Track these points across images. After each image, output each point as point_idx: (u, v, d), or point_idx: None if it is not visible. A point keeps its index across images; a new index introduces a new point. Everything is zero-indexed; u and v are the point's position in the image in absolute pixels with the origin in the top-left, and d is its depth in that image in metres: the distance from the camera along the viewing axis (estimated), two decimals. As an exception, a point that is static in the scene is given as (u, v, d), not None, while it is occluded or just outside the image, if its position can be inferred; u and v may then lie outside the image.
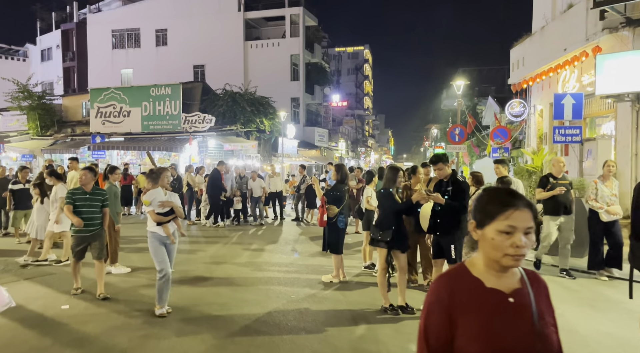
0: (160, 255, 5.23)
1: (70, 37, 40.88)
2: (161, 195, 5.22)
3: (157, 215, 5.16)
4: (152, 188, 5.28)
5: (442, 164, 5.23)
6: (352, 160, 53.74)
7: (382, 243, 5.17)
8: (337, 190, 6.56)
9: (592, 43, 10.77)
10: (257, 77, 32.30)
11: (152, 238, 5.23)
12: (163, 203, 5.18)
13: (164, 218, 5.20)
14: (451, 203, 5.04)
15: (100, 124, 24.32)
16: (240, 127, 23.44)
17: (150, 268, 7.46)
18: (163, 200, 5.20)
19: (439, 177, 5.34)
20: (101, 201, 6.11)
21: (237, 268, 7.61)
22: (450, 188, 5.16)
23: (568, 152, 10.63)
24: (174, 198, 5.39)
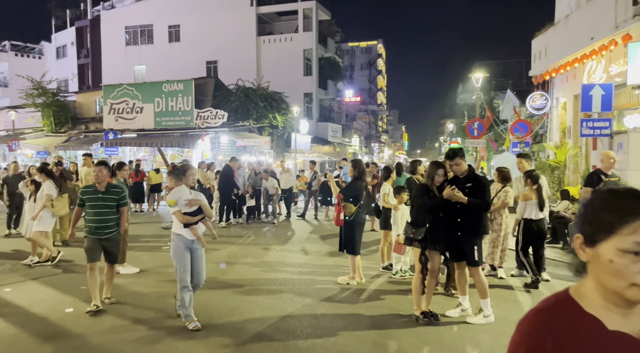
0: (184, 263, 4.66)
1: (85, 34, 41.04)
2: (187, 194, 4.73)
3: (184, 215, 4.65)
4: (175, 186, 4.76)
5: (460, 159, 4.80)
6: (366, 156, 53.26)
7: (416, 242, 4.81)
8: (354, 188, 6.23)
9: (622, 31, 10.22)
10: (270, 72, 31.95)
11: (177, 242, 4.69)
12: (190, 201, 4.66)
13: (192, 219, 4.68)
14: (474, 201, 4.61)
15: (114, 120, 24.26)
16: (253, 122, 23.17)
17: (160, 268, 7.22)
18: (189, 198, 4.70)
19: (455, 173, 4.89)
20: (117, 200, 5.40)
21: (249, 268, 7.30)
22: (470, 185, 4.74)
23: (596, 146, 10.11)
24: (201, 196, 4.87)
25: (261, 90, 24.50)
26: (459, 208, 4.66)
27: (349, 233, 6.24)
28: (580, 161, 13.59)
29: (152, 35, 37.88)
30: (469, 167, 4.90)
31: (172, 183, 4.80)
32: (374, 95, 74.48)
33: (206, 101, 24.03)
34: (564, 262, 7.70)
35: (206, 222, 4.86)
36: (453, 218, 4.75)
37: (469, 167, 4.89)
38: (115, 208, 5.38)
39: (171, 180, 4.79)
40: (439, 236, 4.76)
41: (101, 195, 5.30)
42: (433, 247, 4.78)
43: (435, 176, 4.77)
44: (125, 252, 7.08)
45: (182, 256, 4.67)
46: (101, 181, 5.35)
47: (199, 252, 4.81)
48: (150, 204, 15.77)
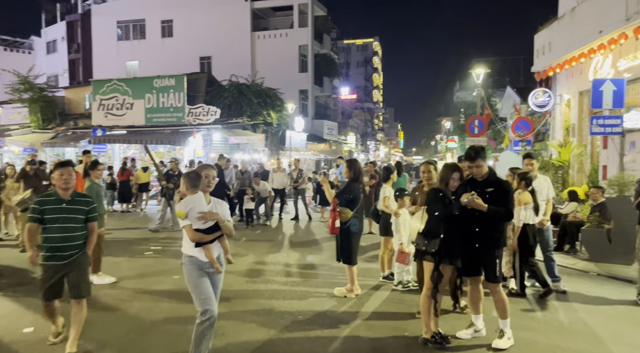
0: (203, 289, 3.69)
1: (75, 28, 40.16)
2: (202, 204, 3.69)
3: (195, 232, 3.67)
4: (189, 192, 3.71)
5: (481, 161, 4.21)
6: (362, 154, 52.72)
7: (429, 255, 4.20)
8: (350, 191, 5.66)
9: (633, 23, 9.66)
10: (265, 68, 31.30)
11: (189, 265, 3.75)
12: (205, 215, 3.64)
13: (206, 237, 3.70)
14: (496, 210, 4.04)
15: (103, 116, 23.55)
16: (246, 119, 22.52)
17: (140, 278, 6.60)
18: (205, 210, 3.67)
19: (473, 176, 4.30)
20: (85, 212, 4.18)
21: (237, 278, 6.68)
22: (491, 190, 4.15)
23: (607, 145, 9.57)
24: (221, 207, 3.84)
25: (255, 87, 23.86)
26: (477, 217, 4.08)
27: (345, 241, 5.70)
28: (585, 160, 13.07)
29: (145, 30, 37.16)
30: (489, 170, 4.30)
31: (184, 189, 3.76)
32: (369, 93, 74.00)
33: (198, 97, 23.36)
34: (577, 269, 7.16)
35: (223, 241, 3.86)
36: (471, 228, 4.16)
37: (489, 170, 4.30)
38: (82, 223, 4.17)
39: (183, 185, 3.76)
40: (455, 248, 4.18)
41: (65, 205, 4.10)
42: (449, 260, 4.19)
43: (450, 180, 4.19)
44: (101, 259, 6.47)
45: (199, 281, 3.71)
46: (69, 187, 4.15)
47: (216, 277, 3.84)
48: (137, 204, 15.14)
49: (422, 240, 4.24)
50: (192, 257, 3.75)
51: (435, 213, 4.17)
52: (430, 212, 4.25)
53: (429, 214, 4.27)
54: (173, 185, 10.73)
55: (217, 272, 3.80)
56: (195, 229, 3.68)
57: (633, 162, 8.93)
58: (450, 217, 4.12)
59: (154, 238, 9.76)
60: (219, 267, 3.79)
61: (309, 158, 31.81)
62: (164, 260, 7.75)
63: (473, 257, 4.25)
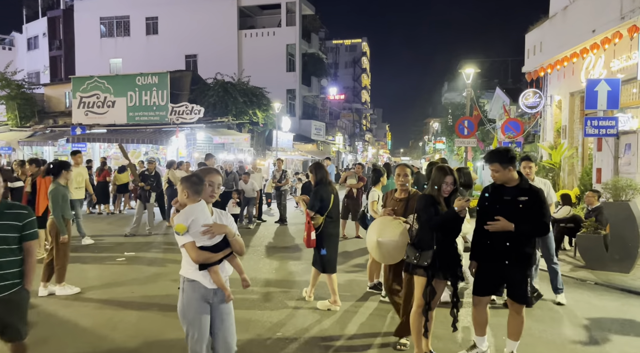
0: (200, 326, 2.99)
1: (57, 24, 39.25)
2: (205, 215, 3.00)
3: (200, 250, 2.95)
4: (189, 200, 3.00)
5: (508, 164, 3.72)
6: (350, 155, 52.37)
7: (420, 269, 3.76)
8: (318, 195, 5.31)
9: (628, 22, 9.38)
10: (252, 67, 30.80)
11: (190, 293, 3.00)
12: (211, 228, 2.95)
13: (212, 257, 2.98)
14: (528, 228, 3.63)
15: (83, 114, 22.86)
16: (232, 118, 22.00)
17: (106, 287, 6.08)
18: (209, 222, 2.98)
19: (500, 181, 3.76)
20: (18, 230, 3.11)
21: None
22: (525, 200, 3.63)
23: (601, 147, 9.27)
24: (227, 219, 3.15)
25: (241, 85, 23.34)
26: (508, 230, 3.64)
27: (318, 249, 5.33)
28: (577, 163, 12.84)
29: (129, 27, 36.42)
30: (520, 175, 3.79)
31: (183, 196, 3.01)
32: (358, 94, 73.76)
33: (182, 95, 22.79)
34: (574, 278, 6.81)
35: (234, 260, 3.15)
36: (500, 242, 3.69)
37: (520, 175, 3.78)
38: (16, 245, 3.11)
39: (183, 191, 3.01)
40: (449, 261, 3.75)
41: None
42: (443, 275, 3.76)
43: (442, 185, 3.76)
44: (65, 267, 5.94)
45: (197, 316, 2.98)
46: None
47: (224, 308, 3.10)
48: (116, 206, 14.54)
49: (413, 252, 3.81)
50: (195, 282, 2.98)
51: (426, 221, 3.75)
52: (421, 220, 3.83)
53: (419, 223, 3.85)
54: (149, 187, 10.21)
55: (227, 300, 3.07)
56: (200, 247, 2.95)
57: (628, 165, 8.65)
58: (444, 225, 3.71)
59: (128, 243, 9.22)
60: (230, 293, 3.07)
61: (296, 158, 31.37)
62: (136, 268, 7.23)
63: (499, 275, 3.78)
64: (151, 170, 10.62)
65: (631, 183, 7.09)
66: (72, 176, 8.95)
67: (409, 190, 4.59)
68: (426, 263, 3.68)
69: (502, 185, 3.78)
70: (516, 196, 3.69)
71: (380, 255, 4.37)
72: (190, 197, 2.99)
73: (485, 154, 3.92)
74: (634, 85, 10.42)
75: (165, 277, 6.71)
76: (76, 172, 9.16)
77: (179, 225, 2.92)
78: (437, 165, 4.05)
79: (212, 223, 2.99)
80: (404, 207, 4.50)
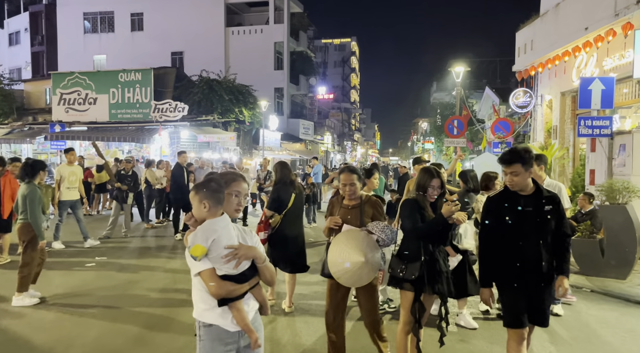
0: None
1: (40, 19, 38.39)
2: (230, 234, 2.32)
3: (222, 281, 2.25)
4: (208, 214, 2.30)
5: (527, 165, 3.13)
6: (338, 154, 52.04)
7: (407, 283, 3.35)
8: (275, 194, 5.29)
9: (622, 19, 9.12)
10: (239, 65, 30.30)
11: (208, 342, 2.30)
12: (236, 251, 2.26)
13: (237, 289, 2.28)
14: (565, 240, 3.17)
15: (64, 111, 22.23)
16: (217, 117, 21.51)
17: (69, 298, 5.54)
18: (233, 243, 2.30)
19: (518, 188, 3.15)
20: None
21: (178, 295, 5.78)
22: (550, 209, 3.11)
23: (595, 148, 9.00)
24: (251, 238, 2.46)
25: (227, 83, 22.84)
26: (543, 244, 3.09)
27: (279, 248, 5.26)
28: (567, 164, 12.60)
29: (113, 23, 35.68)
30: (534, 181, 3.22)
31: (202, 209, 2.29)
32: (347, 93, 73.55)
33: (166, 93, 22.26)
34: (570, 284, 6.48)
35: (258, 292, 2.42)
36: (536, 262, 3.07)
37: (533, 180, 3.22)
38: None
39: (201, 203, 2.28)
40: (439, 273, 3.36)
41: None
42: (432, 289, 3.36)
43: (428, 188, 3.38)
44: (31, 276, 5.47)
45: None
46: None
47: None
48: (94, 206, 13.98)
49: (398, 265, 3.41)
50: (214, 326, 2.28)
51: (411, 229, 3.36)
52: (406, 228, 3.44)
53: (405, 231, 3.47)
54: (126, 187, 9.72)
55: (253, 347, 2.34)
56: (223, 276, 2.24)
57: (623, 166, 8.37)
58: (432, 233, 3.33)
59: (101, 247, 8.71)
60: (257, 338, 2.34)
61: (284, 158, 30.93)
62: (106, 275, 6.75)
63: (530, 299, 3.12)
64: (128, 169, 10.12)
65: (628, 186, 6.79)
66: (65, 175, 8.48)
67: (360, 196, 3.75)
68: (413, 277, 3.30)
69: (515, 192, 3.17)
70: (540, 205, 3.09)
71: (357, 277, 3.37)
72: (211, 209, 2.27)
73: (502, 154, 3.24)
74: (626, 85, 10.18)
75: (136, 285, 6.25)
76: (69, 171, 8.65)
77: (197, 247, 2.20)
78: (422, 167, 3.67)
79: (238, 244, 2.30)
80: (358, 215, 3.64)
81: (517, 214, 3.11)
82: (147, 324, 4.78)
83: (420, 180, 3.44)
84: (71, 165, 8.85)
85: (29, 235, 5.43)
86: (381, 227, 3.43)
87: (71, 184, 8.65)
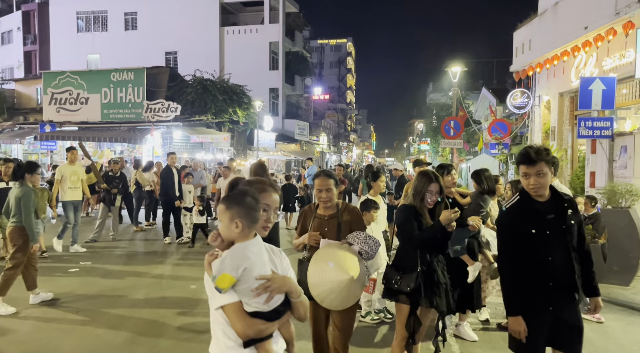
0: None
1: (32, 18, 38.03)
2: (262, 261, 1.94)
3: (251, 318, 1.86)
4: (239, 235, 1.90)
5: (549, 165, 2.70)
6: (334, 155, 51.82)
7: (402, 296, 3.10)
8: None
9: (623, 17, 8.92)
10: (234, 65, 30.06)
11: None
12: (269, 282, 1.87)
13: (267, 328, 1.90)
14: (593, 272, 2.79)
15: (55, 111, 21.87)
16: (211, 117, 21.21)
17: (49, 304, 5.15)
18: (266, 273, 1.92)
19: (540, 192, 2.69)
20: None
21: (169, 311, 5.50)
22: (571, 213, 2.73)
23: (595, 149, 8.78)
24: (281, 260, 2.07)
25: (221, 83, 22.55)
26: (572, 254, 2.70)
27: None
28: (566, 166, 12.40)
29: (107, 22, 35.37)
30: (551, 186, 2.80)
31: (232, 229, 1.89)
32: (343, 94, 73.40)
33: (159, 93, 21.94)
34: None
35: (287, 326, 2.03)
36: (570, 279, 2.68)
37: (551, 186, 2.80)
38: None
39: (232, 221, 1.89)
40: (437, 284, 3.11)
41: None
42: (429, 302, 3.11)
43: (426, 194, 3.13)
44: (13, 280, 5.24)
45: None
46: None
47: None
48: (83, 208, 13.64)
49: (393, 275, 3.16)
50: None
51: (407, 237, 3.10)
52: (401, 235, 3.19)
53: (400, 239, 3.22)
54: (115, 189, 9.43)
55: None
56: (252, 313, 1.86)
57: (624, 168, 8.17)
58: (427, 241, 3.08)
59: (87, 251, 8.41)
60: None
61: (279, 158, 30.66)
62: (89, 282, 6.46)
63: (562, 323, 2.69)
64: (116, 170, 9.82)
65: (631, 189, 6.58)
66: (67, 175, 8.21)
67: (336, 204, 3.37)
68: (409, 289, 3.04)
69: (532, 198, 2.73)
70: (563, 211, 2.69)
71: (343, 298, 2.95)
72: (244, 230, 1.87)
73: (524, 153, 2.74)
74: (625, 86, 9.99)
75: (120, 292, 5.96)
76: (70, 170, 8.34)
77: (224, 277, 1.79)
78: (420, 170, 3.40)
79: (271, 274, 1.90)
80: (335, 227, 3.27)
81: (542, 224, 2.66)
82: (129, 337, 4.50)
83: (418, 185, 3.19)
84: (73, 164, 8.52)
85: (21, 238, 5.25)
86: (362, 238, 3.04)
87: (73, 184, 8.32)
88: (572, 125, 12.01)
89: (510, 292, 2.73)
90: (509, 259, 2.75)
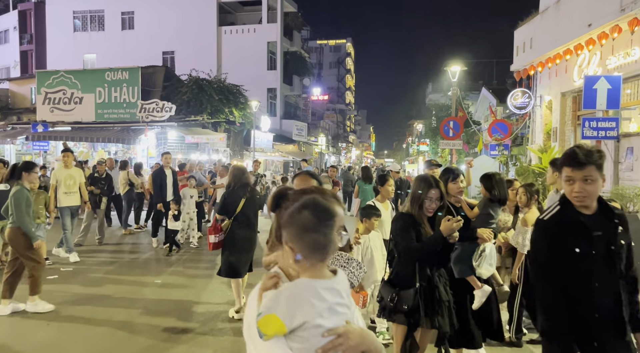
0: None
1: (28, 18, 37.71)
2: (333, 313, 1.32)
3: None
4: (300, 268, 1.33)
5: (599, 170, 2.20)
6: (333, 156, 51.52)
7: (399, 315, 2.76)
8: (224, 199, 5.24)
9: (628, 14, 8.60)
10: (231, 65, 29.79)
11: None
12: (341, 339, 1.29)
13: None
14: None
15: (49, 111, 21.54)
16: (206, 117, 20.88)
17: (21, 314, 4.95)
18: (337, 325, 1.31)
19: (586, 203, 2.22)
20: None
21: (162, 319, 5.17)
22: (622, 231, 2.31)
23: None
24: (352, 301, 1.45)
25: (217, 83, 22.23)
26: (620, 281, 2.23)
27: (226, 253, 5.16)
28: (568, 167, 12.08)
29: (104, 22, 35.12)
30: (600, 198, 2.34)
31: (290, 257, 1.32)
32: (342, 94, 73.15)
33: (155, 92, 21.61)
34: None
35: None
36: (615, 304, 2.19)
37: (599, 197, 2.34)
38: None
39: (295, 245, 1.32)
40: (438, 302, 2.78)
41: None
42: (430, 322, 2.78)
43: (425, 201, 2.79)
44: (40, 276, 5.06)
45: None
46: None
47: None
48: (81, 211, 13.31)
49: (389, 292, 2.83)
50: None
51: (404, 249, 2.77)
52: (398, 248, 2.85)
53: (397, 251, 2.88)
54: (99, 191, 9.10)
55: None
56: None
57: (630, 170, 7.85)
58: (429, 253, 2.75)
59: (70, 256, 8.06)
60: None
61: (277, 159, 30.36)
62: (67, 289, 6.11)
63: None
64: (101, 172, 9.49)
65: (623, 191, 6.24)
66: (62, 179, 7.74)
67: None
68: (406, 307, 2.70)
69: (576, 209, 2.23)
70: (612, 227, 2.22)
71: None
72: (308, 260, 1.32)
73: (570, 153, 2.24)
74: (630, 85, 9.68)
75: (97, 302, 5.59)
76: (65, 174, 7.75)
77: (271, 319, 1.27)
78: (419, 175, 3.06)
79: (344, 326, 1.33)
80: None
81: (588, 242, 2.17)
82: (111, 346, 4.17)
83: (416, 190, 2.84)
84: (68, 168, 7.88)
85: (22, 239, 5.06)
86: (343, 260, 2.39)
87: (69, 189, 7.74)
88: (575, 126, 11.69)
89: (556, 331, 2.19)
90: (548, 284, 2.22)
